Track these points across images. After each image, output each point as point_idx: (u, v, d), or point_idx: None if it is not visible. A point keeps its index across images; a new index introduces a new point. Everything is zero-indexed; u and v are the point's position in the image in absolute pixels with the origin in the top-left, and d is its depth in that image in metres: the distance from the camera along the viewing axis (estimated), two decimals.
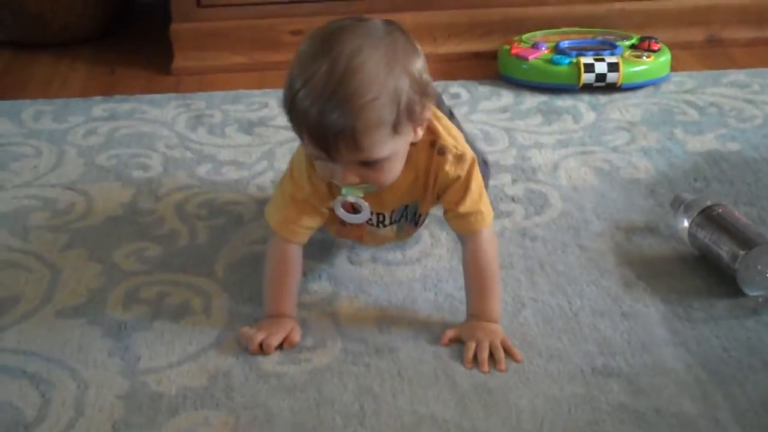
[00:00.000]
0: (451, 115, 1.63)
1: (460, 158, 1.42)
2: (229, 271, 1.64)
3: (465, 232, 1.47)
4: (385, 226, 1.52)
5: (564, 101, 2.31)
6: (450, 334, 1.45)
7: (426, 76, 1.31)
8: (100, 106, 2.33)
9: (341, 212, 1.41)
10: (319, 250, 1.66)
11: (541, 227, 1.75)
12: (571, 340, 1.45)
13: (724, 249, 1.55)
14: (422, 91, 1.29)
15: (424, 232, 1.71)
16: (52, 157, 2.07)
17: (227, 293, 1.58)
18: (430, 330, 1.47)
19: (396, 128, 1.27)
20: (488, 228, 1.47)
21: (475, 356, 1.40)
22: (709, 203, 1.63)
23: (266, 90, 2.39)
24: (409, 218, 1.53)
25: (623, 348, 1.43)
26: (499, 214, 1.77)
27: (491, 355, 1.40)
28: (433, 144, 1.41)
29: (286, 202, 1.46)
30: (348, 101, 1.22)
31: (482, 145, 2.03)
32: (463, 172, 1.42)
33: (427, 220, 1.61)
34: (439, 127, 1.42)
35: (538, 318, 1.50)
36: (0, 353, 1.45)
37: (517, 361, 1.40)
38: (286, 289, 1.49)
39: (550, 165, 1.98)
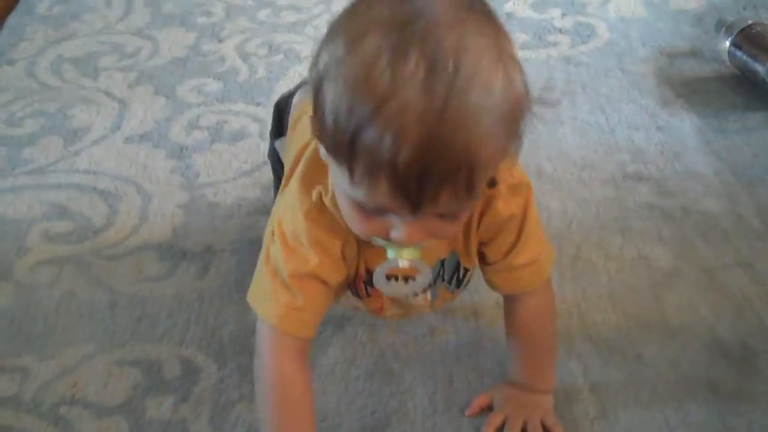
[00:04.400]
0: None
1: (515, 189, 0.96)
2: None
3: (518, 290, 1.05)
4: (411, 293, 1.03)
5: None
6: (480, 400, 1.12)
7: None
8: None
9: (384, 285, 0.96)
10: None
11: (586, 55, 1.79)
12: (605, 152, 1.51)
13: (760, 64, 1.58)
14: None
15: None
16: (120, 8, 2.16)
17: None
18: None
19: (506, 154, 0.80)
20: (548, 279, 1.07)
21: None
22: (750, 22, 1.66)
23: None
24: (448, 278, 1.05)
25: (656, 157, 1.49)
26: (545, 45, 1.82)
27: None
28: None
29: (284, 283, 0.97)
30: (467, 125, 0.73)
31: None
32: (519, 208, 0.97)
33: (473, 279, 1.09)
34: None
35: (575, 133, 1.56)
36: (73, 173, 1.58)
37: None
38: (304, 424, 1.01)
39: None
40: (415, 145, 0.72)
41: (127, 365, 1.21)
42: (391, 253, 0.89)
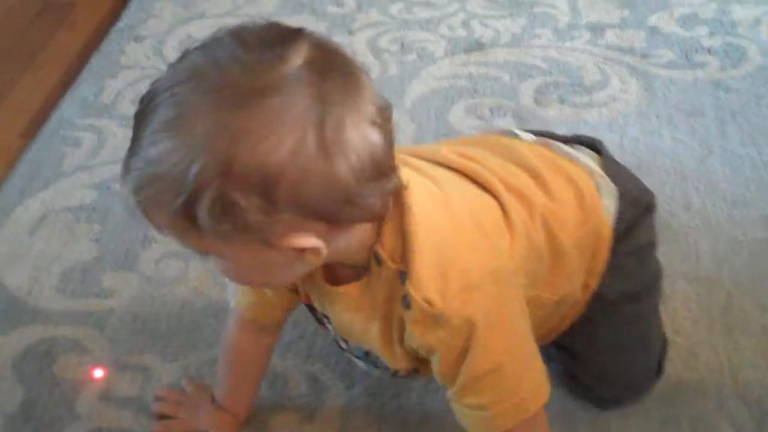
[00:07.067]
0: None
1: (436, 320, 0.82)
2: (417, 103, 1.67)
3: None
4: (341, 347, 1.03)
5: None
6: None
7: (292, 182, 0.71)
8: None
9: None
10: None
11: (737, 80, 1.70)
12: (758, 189, 1.42)
13: None
14: (262, 191, 0.71)
15: (613, 78, 1.69)
16: None
17: (415, 123, 1.62)
18: None
19: (193, 221, 0.73)
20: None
21: None
22: None
23: None
24: (382, 366, 0.98)
25: None
26: (693, 66, 1.73)
27: None
28: (402, 277, 0.83)
29: None
30: (135, 145, 0.75)
31: None
32: (441, 344, 0.84)
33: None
34: (420, 245, 0.82)
35: (725, 166, 1.48)
36: None
37: None
38: (238, 381, 1.12)
39: (752, 20, 1.89)
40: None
41: None
42: None
